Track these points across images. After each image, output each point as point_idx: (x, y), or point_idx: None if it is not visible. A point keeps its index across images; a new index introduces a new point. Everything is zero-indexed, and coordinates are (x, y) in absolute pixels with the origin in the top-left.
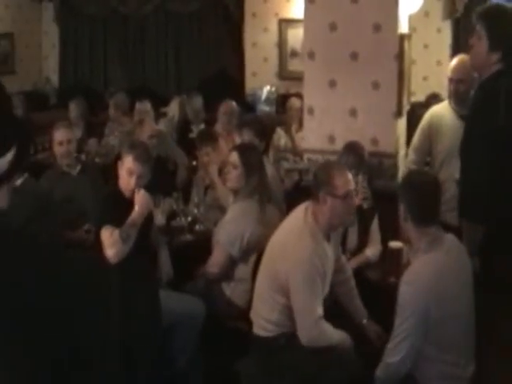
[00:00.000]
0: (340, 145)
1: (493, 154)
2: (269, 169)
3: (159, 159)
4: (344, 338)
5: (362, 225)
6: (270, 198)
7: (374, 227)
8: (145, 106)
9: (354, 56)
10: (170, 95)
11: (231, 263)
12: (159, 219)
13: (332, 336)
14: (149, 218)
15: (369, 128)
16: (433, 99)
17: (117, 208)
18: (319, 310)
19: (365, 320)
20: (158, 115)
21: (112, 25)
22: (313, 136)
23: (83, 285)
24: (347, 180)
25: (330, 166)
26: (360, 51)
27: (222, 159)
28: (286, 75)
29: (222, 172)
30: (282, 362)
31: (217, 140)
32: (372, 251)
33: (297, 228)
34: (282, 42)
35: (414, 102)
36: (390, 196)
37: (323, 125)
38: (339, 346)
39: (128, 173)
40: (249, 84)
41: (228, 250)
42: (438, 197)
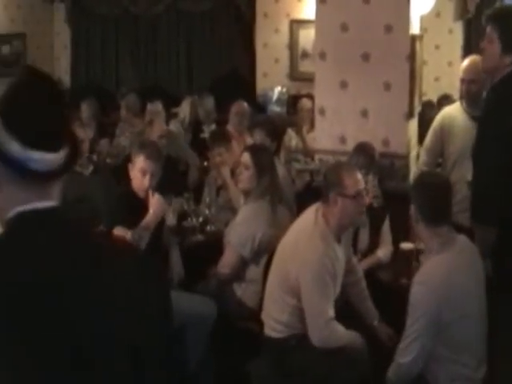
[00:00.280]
0: (351, 145)
1: (505, 156)
2: (280, 170)
3: (170, 159)
4: (355, 338)
5: (374, 225)
6: (282, 199)
7: (386, 228)
8: (156, 107)
9: (366, 57)
10: (182, 95)
11: (242, 264)
12: (170, 219)
13: (343, 336)
14: (161, 221)
15: (380, 129)
16: (444, 100)
17: (130, 209)
18: (330, 312)
19: (376, 321)
20: (170, 116)
21: (124, 25)
22: (324, 137)
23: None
24: (357, 180)
25: (340, 167)
26: (371, 52)
27: (234, 160)
28: (297, 76)
29: (235, 173)
30: (293, 363)
31: (230, 140)
32: (383, 252)
33: (307, 230)
34: (294, 43)
35: (425, 102)
36: (402, 197)
37: (334, 125)
38: (350, 347)
39: (141, 172)
40: (260, 85)
41: (239, 251)
42: (450, 198)
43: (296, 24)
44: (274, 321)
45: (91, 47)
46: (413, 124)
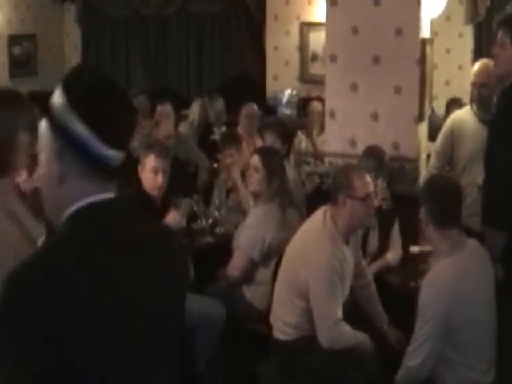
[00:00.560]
0: (361, 149)
1: None
2: (290, 172)
3: (178, 161)
4: (363, 340)
5: (383, 229)
6: (291, 202)
7: (395, 231)
8: (166, 109)
9: (376, 60)
10: (192, 97)
11: (252, 266)
12: (179, 221)
13: (351, 337)
14: None
15: (390, 132)
16: (453, 103)
17: (145, 210)
18: (338, 312)
19: (385, 325)
20: (179, 117)
21: (134, 26)
22: (334, 140)
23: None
24: (366, 182)
25: (349, 169)
26: (382, 55)
27: (244, 162)
28: (308, 79)
29: (245, 175)
30: (302, 366)
31: (240, 142)
32: (393, 255)
33: (315, 231)
34: (304, 46)
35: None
36: (411, 200)
37: (344, 128)
38: (359, 348)
39: (153, 171)
40: (270, 87)
41: (249, 254)
42: (460, 200)
43: (306, 27)
44: (283, 323)
45: (101, 48)
46: (423, 127)
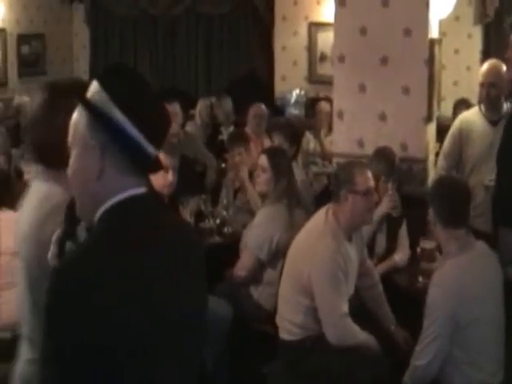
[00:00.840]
0: (369, 149)
1: None
2: (299, 173)
3: (186, 160)
4: (369, 339)
5: (391, 230)
6: (299, 203)
7: (403, 232)
8: (173, 108)
9: (384, 60)
10: (200, 97)
11: (259, 267)
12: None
13: (358, 334)
14: None
15: (398, 133)
16: (461, 104)
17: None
18: (344, 307)
19: (393, 326)
20: (187, 117)
21: (142, 26)
22: (342, 140)
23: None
24: (367, 177)
25: (350, 165)
26: (390, 55)
27: (252, 162)
28: (316, 79)
29: (253, 175)
30: (309, 366)
31: (248, 141)
32: (400, 256)
33: (318, 229)
34: (312, 46)
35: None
36: (419, 201)
37: (352, 129)
38: (365, 346)
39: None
40: (278, 87)
41: (256, 254)
42: (468, 201)
43: (315, 27)
44: (288, 322)
45: (110, 48)
46: (431, 128)
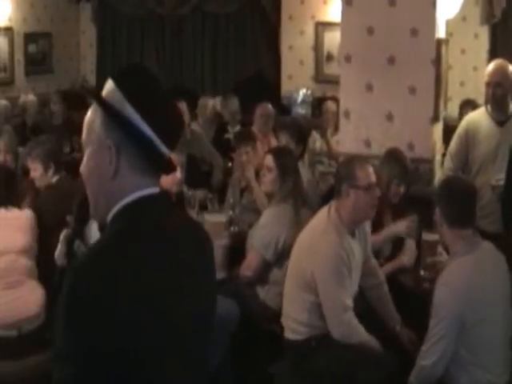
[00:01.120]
0: (376, 149)
1: None
2: (305, 173)
3: (193, 159)
4: (372, 340)
5: None
6: (305, 202)
7: None
8: (180, 107)
9: (391, 60)
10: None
11: (265, 266)
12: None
13: (362, 331)
14: None
15: (405, 133)
16: (467, 105)
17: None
18: (348, 302)
19: (398, 326)
20: (193, 116)
21: (149, 25)
22: (348, 140)
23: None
24: (369, 172)
25: (351, 160)
26: (397, 55)
27: (258, 162)
28: (322, 78)
29: (259, 175)
30: (314, 365)
31: (255, 141)
32: (407, 257)
33: (321, 225)
34: (319, 45)
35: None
36: (426, 201)
37: (359, 129)
38: (369, 345)
39: None
40: (284, 86)
41: (262, 254)
42: (474, 201)
43: (321, 26)
44: (293, 321)
45: (117, 47)
46: (438, 128)
